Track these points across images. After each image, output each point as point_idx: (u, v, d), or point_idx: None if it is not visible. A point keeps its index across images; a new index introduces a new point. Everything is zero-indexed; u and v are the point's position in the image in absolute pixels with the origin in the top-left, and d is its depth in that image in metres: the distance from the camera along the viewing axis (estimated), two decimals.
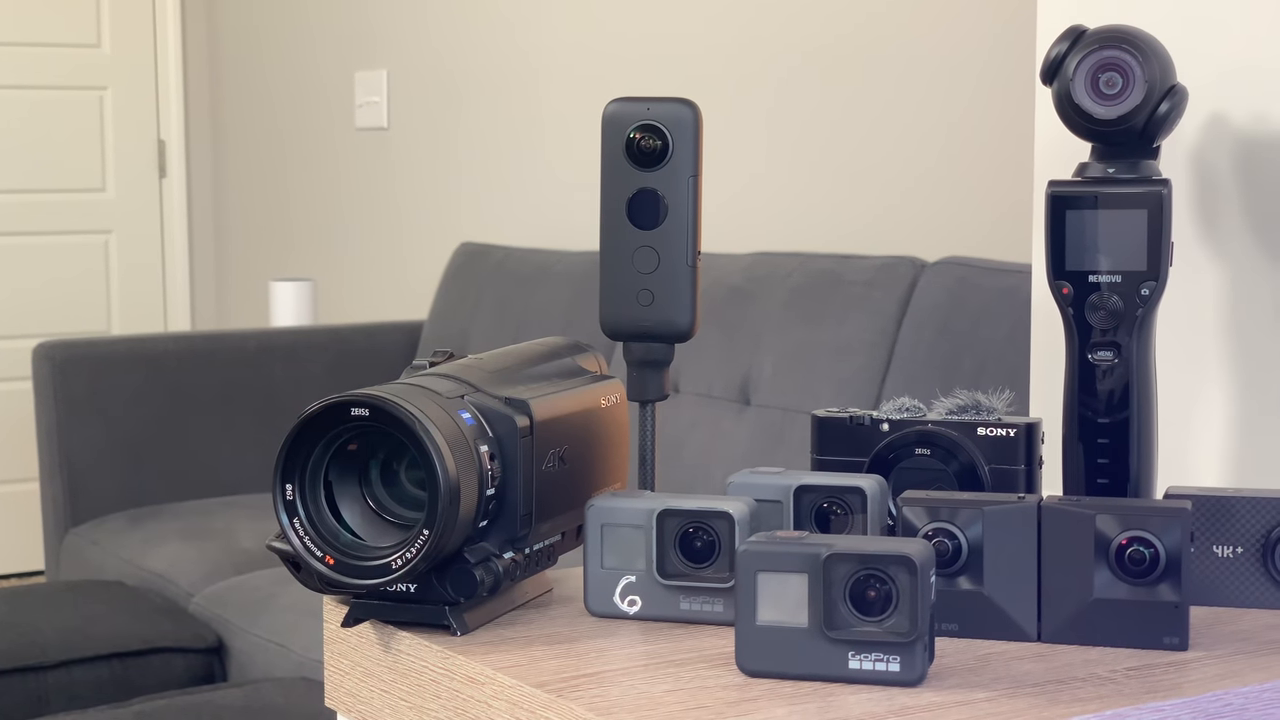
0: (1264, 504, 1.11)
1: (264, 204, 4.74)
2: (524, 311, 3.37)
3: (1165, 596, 1.01)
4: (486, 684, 0.98)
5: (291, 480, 1.01)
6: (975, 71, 2.76)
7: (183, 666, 2.73)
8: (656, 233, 1.15)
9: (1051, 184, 1.14)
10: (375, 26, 4.25)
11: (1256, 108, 1.27)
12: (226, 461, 3.51)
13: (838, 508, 1.10)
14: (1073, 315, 1.14)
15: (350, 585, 1.02)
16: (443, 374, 1.08)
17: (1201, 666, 0.99)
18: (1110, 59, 1.12)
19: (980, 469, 1.14)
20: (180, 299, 4.92)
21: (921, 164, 2.87)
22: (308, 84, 4.50)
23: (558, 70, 3.68)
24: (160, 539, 3.17)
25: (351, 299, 4.29)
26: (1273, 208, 1.27)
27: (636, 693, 0.94)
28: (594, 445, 1.14)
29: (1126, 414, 1.14)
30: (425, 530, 0.99)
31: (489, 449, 1.03)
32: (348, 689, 1.10)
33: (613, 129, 1.16)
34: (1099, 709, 0.91)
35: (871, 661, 0.94)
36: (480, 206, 3.93)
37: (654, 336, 1.17)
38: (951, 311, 2.49)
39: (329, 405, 1.00)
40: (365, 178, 4.32)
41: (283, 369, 3.60)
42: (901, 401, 1.18)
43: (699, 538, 1.06)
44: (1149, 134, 1.12)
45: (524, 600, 1.11)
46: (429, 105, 4.08)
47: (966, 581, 1.04)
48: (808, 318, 2.71)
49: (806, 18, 3.07)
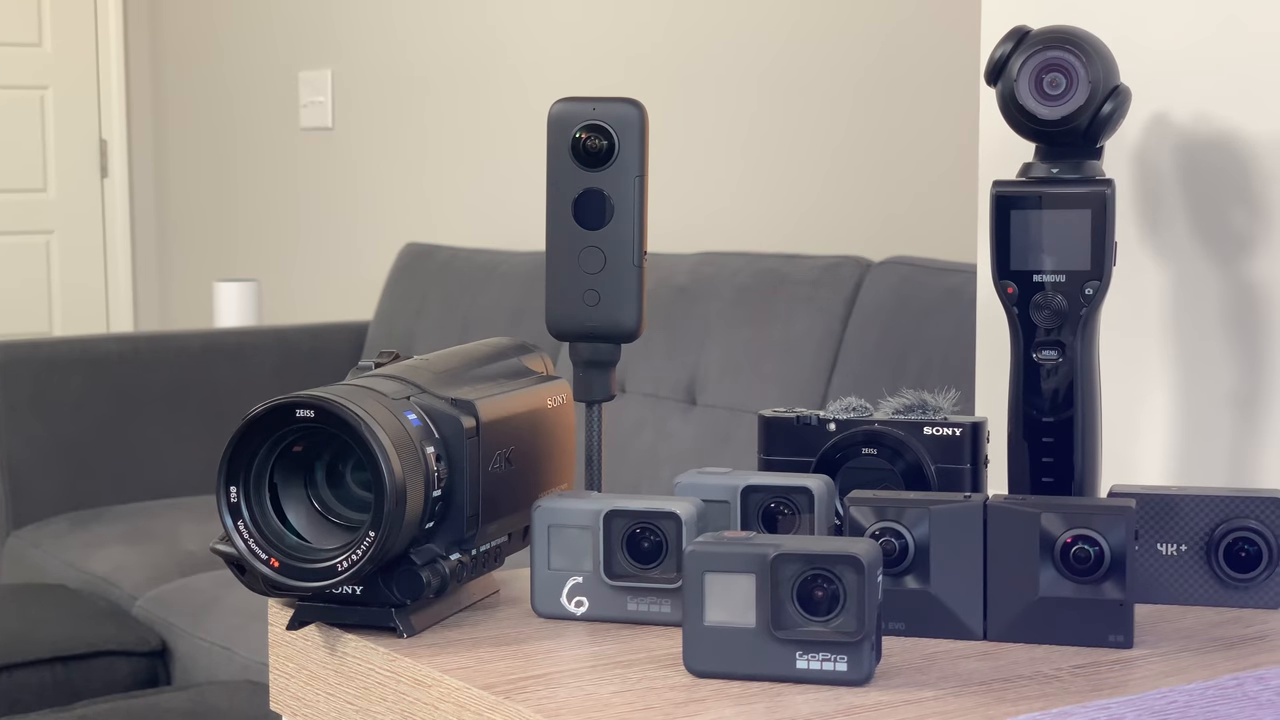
0: (1207, 502, 1.12)
1: (208, 204, 4.71)
2: (470, 312, 3.36)
3: (1110, 594, 1.01)
4: (433, 686, 0.98)
5: (236, 482, 1.00)
6: (920, 72, 2.77)
7: (126, 670, 2.71)
8: (602, 233, 1.15)
9: (996, 184, 1.14)
10: (319, 26, 4.23)
11: (1199, 108, 1.28)
12: (170, 463, 3.48)
13: (785, 508, 1.10)
14: (1017, 315, 1.14)
15: (295, 588, 1.01)
16: (388, 375, 1.07)
17: (1146, 664, 1.00)
18: (1054, 59, 1.12)
19: (926, 468, 1.15)
20: (123, 300, 4.89)
21: (866, 164, 2.88)
22: (252, 83, 4.48)
23: (503, 70, 3.67)
24: (103, 542, 3.15)
25: (296, 299, 4.27)
26: (1214, 207, 1.28)
27: (584, 694, 0.93)
28: (540, 446, 1.14)
29: (1071, 413, 1.14)
30: (371, 532, 0.98)
31: (435, 450, 1.03)
32: (293, 692, 1.10)
33: (558, 129, 1.15)
34: (1045, 707, 0.91)
35: (819, 661, 0.94)
36: (426, 207, 3.92)
37: (600, 337, 1.17)
38: (897, 311, 2.49)
39: (274, 407, 0.99)
40: (310, 178, 4.30)
41: (227, 370, 3.57)
42: (848, 401, 1.18)
43: (646, 538, 1.06)
44: (1092, 134, 1.13)
45: (471, 602, 1.11)
46: (374, 105, 4.07)
47: (913, 581, 1.04)
48: (754, 317, 2.71)
49: (752, 18, 3.08)
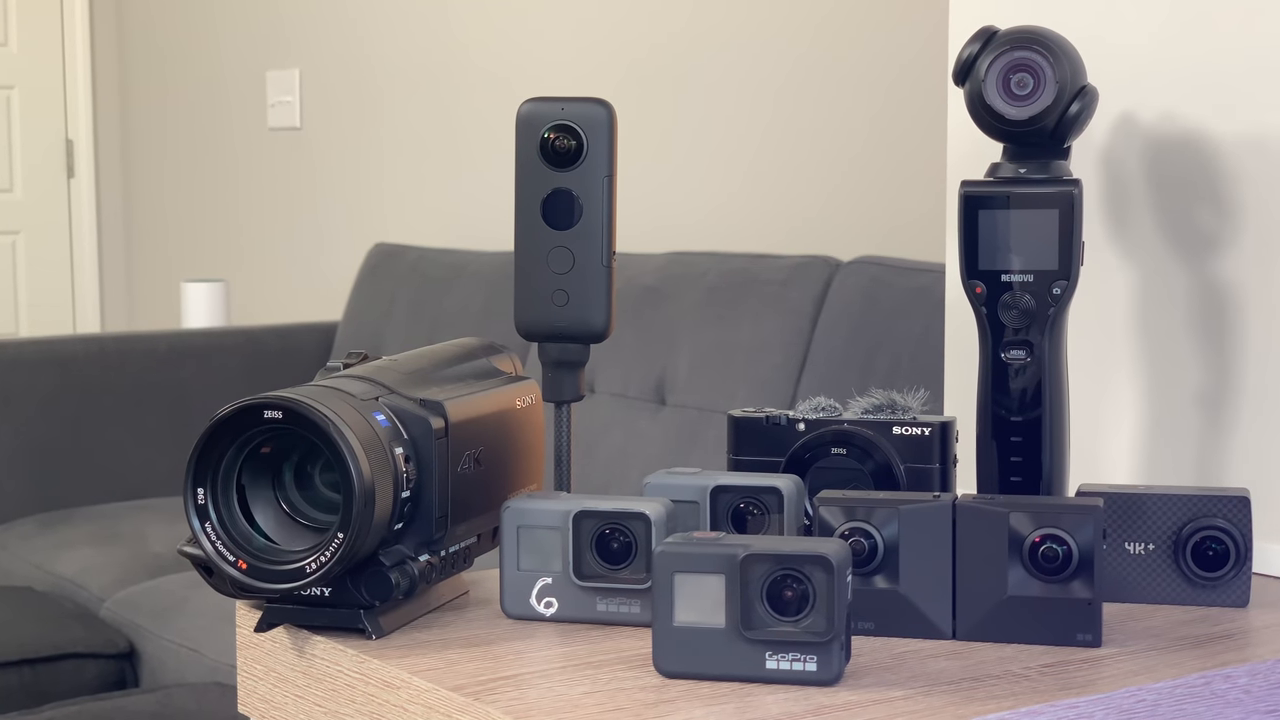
0: (1175, 501, 1.12)
1: (175, 204, 4.69)
2: (439, 312, 3.35)
3: (1078, 593, 1.02)
4: (402, 688, 0.98)
5: (203, 484, 1.00)
6: (889, 72, 2.78)
7: (94, 672, 2.70)
8: (571, 233, 1.15)
9: (964, 184, 1.15)
10: (287, 26, 4.22)
11: (1165, 108, 1.28)
12: (137, 465, 3.46)
13: (754, 508, 1.10)
14: (986, 314, 1.15)
15: (263, 590, 1.01)
16: (357, 376, 1.07)
17: (1115, 663, 1.00)
18: (1021, 60, 1.13)
19: (896, 468, 1.15)
20: (90, 300, 4.86)
21: (835, 164, 2.88)
22: (219, 83, 4.46)
23: (472, 70, 3.67)
24: (70, 543, 3.13)
25: (265, 300, 4.26)
26: (1181, 206, 1.28)
27: (554, 695, 0.93)
28: (509, 447, 1.14)
29: (1039, 412, 1.15)
30: (340, 533, 0.98)
31: (404, 451, 1.02)
32: (261, 694, 1.09)
33: (527, 129, 1.15)
34: (1014, 706, 0.92)
35: (789, 661, 0.94)
36: (394, 207, 3.91)
37: (569, 337, 1.16)
38: (866, 311, 2.50)
39: (242, 408, 0.99)
40: (278, 178, 4.28)
41: (195, 371, 3.56)
42: (817, 401, 1.19)
43: (615, 539, 1.06)
44: (1060, 134, 1.13)
45: (440, 603, 1.11)
46: (342, 105, 4.06)
47: (882, 580, 1.04)
48: (723, 317, 2.71)
49: (720, 18, 3.08)
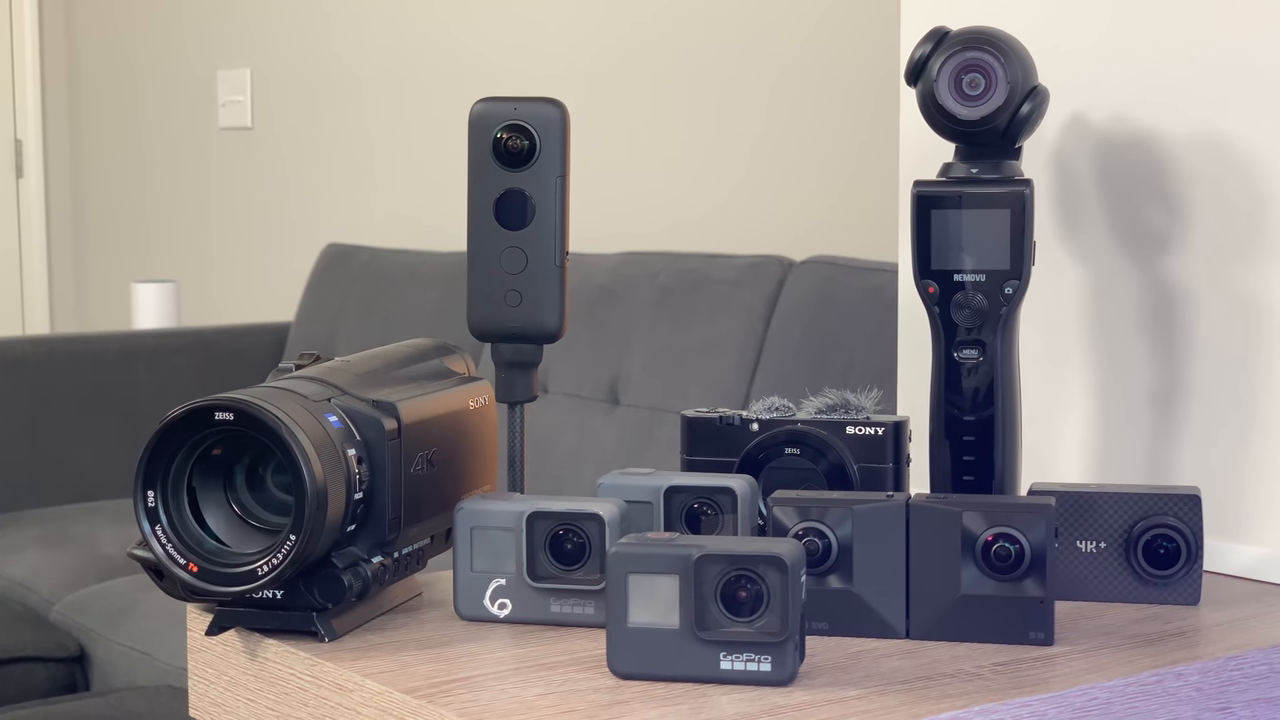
0: (1126, 499, 1.13)
1: (125, 204, 4.66)
2: (391, 313, 3.34)
3: (1031, 592, 1.02)
4: (355, 691, 0.97)
5: (153, 486, 0.99)
6: (840, 71, 2.78)
7: (44, 676, 2.68)
8: (524, 233, 1.15)
9: (916, 184, 1.15)
10: (238, 25, 4.20)
11: (1116, 108, 1.29)
12: (88, 467, 3.44)
13: (708, 508, 1.10)
14: (938, 314, 1.15)
15: (214, 593, 1.00)
16: (309, 377, 1.06)
17: (1067, 661, 1.00)
18: (973, 60, 1.13)
19: (849, 468, 1.15)
20: (39, 301, 4.83)
21: (788, 164, 2.89)
22: (169, 82, 4.44)
23: (424, 69, 3.66)
24: (19, 546, 3.11)
25: (216, 301, 4.23)
26: (1132, 206, 1.29)
27: (508, 697, 0.93)
28: (463, 447, 1.13)
29: (991, 411, 1.15)
30: (292, 535, 0.97)
31: (356, 452, 1.02)
32: (213, 698, 1.09)
33: (480, 129, 1.15)
34: (967, 705, 0.92)
35: (743, 662, 0.94)
36: (347, 207, 3.90)
37: (522, 337, 1.16)
38: (819, 310, 2.50)
39: (192, 409, 0.98)
40: (229, 178, 4.26)
41: (145, 372, 3.54)
42: (771, 401, 1.19)
43: (569, 540, 1.06)
44: (1011, 134, 1.13)
45: (393, 605, 1.10)
46: (294, 104, 4.04)
47: (836, 580, 1.05)
48: (676, 317, 2.72)
49: (672, 17, 3.08)
